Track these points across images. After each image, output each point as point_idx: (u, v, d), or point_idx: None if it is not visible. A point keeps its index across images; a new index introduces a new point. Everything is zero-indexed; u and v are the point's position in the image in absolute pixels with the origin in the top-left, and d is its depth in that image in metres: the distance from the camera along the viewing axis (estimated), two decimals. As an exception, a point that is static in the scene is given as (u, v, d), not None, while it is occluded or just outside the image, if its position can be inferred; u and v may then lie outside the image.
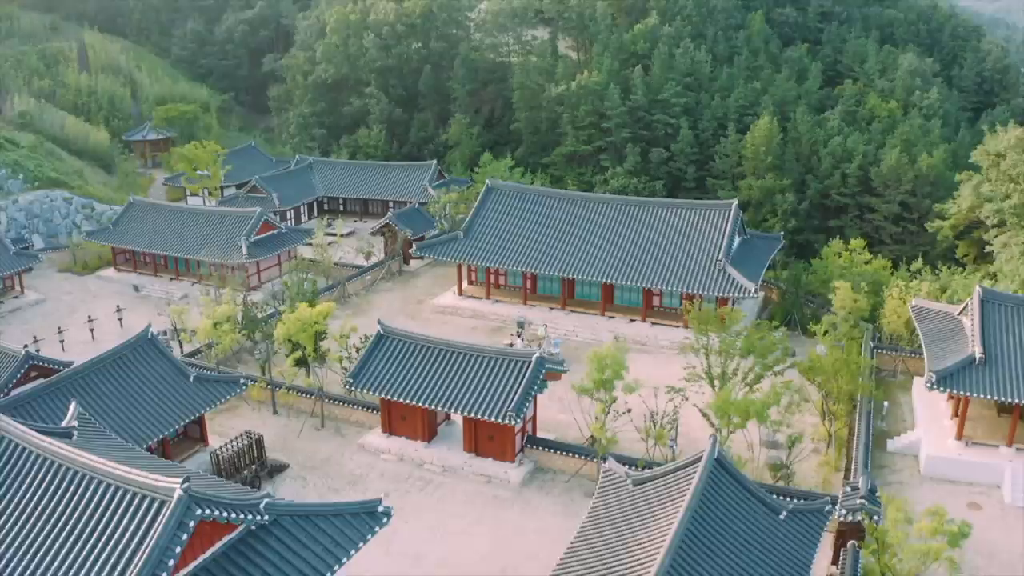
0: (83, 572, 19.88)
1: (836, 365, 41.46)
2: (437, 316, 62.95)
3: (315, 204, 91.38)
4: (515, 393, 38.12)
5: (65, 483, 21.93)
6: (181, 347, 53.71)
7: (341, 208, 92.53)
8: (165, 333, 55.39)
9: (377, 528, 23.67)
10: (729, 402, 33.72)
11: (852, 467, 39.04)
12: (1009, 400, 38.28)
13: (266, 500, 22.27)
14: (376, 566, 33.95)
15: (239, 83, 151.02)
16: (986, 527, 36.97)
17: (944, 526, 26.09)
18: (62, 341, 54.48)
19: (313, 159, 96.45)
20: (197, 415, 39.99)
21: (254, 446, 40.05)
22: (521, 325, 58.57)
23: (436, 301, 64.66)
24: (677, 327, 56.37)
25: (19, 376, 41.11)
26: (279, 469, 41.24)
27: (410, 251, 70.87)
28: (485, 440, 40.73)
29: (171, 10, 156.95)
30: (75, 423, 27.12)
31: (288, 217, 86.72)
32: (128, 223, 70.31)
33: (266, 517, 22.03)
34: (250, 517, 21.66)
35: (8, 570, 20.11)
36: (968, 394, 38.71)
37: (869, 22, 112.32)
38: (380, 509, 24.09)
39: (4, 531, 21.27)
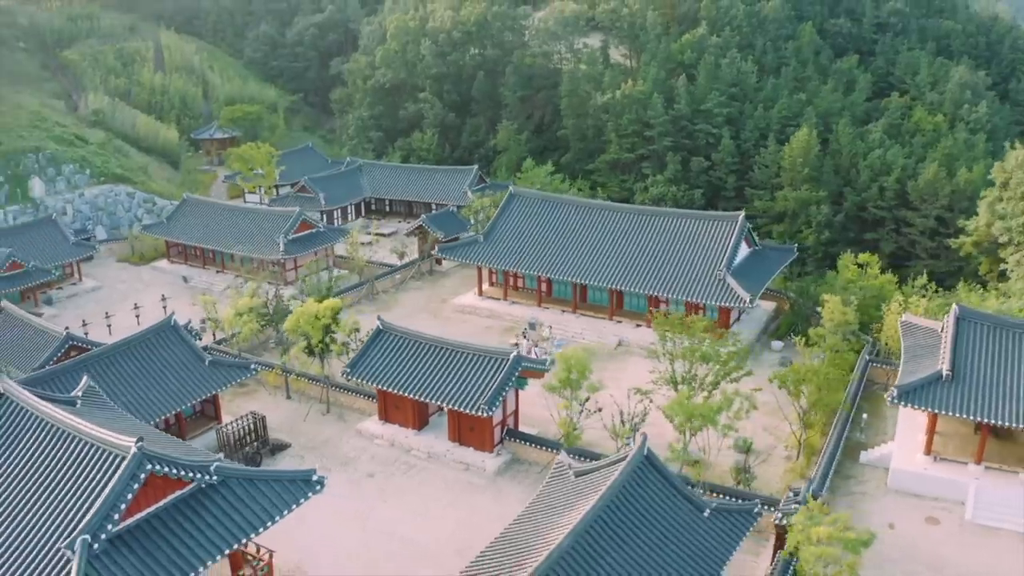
0: (56, 510, 23.91)
1: (809, 376, 42.98)
2: (456, 315, 66.22)
3: (362, 204, 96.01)
4: (490, 388, 41.00)
5: (53, 440, 26.04)
6: (214, 335, 58.45)
7: (388, 209, 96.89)
8: (203, 321, 60.42)
9: (311, 494, 26.93)
10: (679, 405, 35.79)
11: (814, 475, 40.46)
12: (973, 418, 39.00)
13: (216, 463, 25.88)
14: (351, 540, 37.48)
15: (308, 84, 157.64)
16: (941, 541, 37.85)
17: (842, 533, 27.56)
18: (109, 325, 59.89)
19: (363, 161, 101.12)
20: (210, 394, 44.21)
21: (257, 426, 44.11)
22: (532, 326, 61.29)
23: (457, 301, 67.93)
24: (680, 334, 58.14)
25: (59, 355, 46.25)
26: (281, 448, 45.14)
27: (432, 252, 74.31)
28: (467, 430, 43.75)
29: (245, 13, 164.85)
30: (79, 394, 31.38)
31: (335, 216, 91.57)
32: (181, 218, 76.06)
33: (215, 477, 25.66)
34: (199, 476, 25.35)
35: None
36: (930, 410, 39.61)
37: (926, 34, 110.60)
38: (314, 478, 27.42)
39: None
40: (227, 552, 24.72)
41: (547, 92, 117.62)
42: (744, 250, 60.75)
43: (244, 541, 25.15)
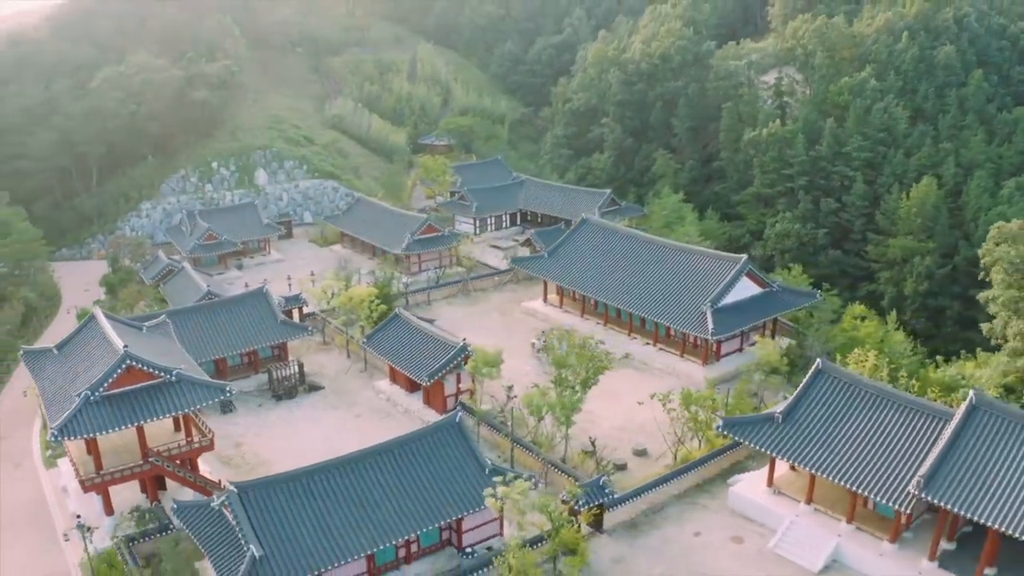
0: (84, 377, 43.90)
1: (697, 401, 52.07)
2: (520, 316, 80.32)
3: (517, 215, 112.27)
4: (434, 365, 55.69)
5: (100, 342, 46.32)
6: (329, 302, 78.41)
7: (539, 220, 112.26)
8: (335, 294, 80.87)
9: (223, 396, 44.79)
10: (530, 398, 47.96)
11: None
12: (784, 459, 45.54)
13: (177, 370, 44.37)
14: (313, 452, 53.24)
15: (541, 99, 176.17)
16: (729, 557, 44.44)
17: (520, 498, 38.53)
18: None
19: (525, 177, 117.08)
20: (276, 342, 63.88)
21: (300, 369, 62.83)
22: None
23: (525, 304, 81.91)
24: (676, 353, 67.49)
25: (201, 301, 68.67)
26: (315, 388, 63.52)
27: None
28: (432, 396, 58.82)
29: (496, 30, 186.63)
30: (146, 324, 51.90)
31: (488, 223, 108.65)
32: (352, 213, 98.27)
33: (174, 378, 44.28)
34: (165, 375, 44.11)
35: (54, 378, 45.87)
36: (749, 444, 46.78)
37: None
38: (227, 389, 44.99)
39: (68, 362, 46.77)
40: (166, 416, 43.31)
41: (717, 124, 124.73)
42: (752, 290, 67.43)
43: (179, 413, 43.82)
